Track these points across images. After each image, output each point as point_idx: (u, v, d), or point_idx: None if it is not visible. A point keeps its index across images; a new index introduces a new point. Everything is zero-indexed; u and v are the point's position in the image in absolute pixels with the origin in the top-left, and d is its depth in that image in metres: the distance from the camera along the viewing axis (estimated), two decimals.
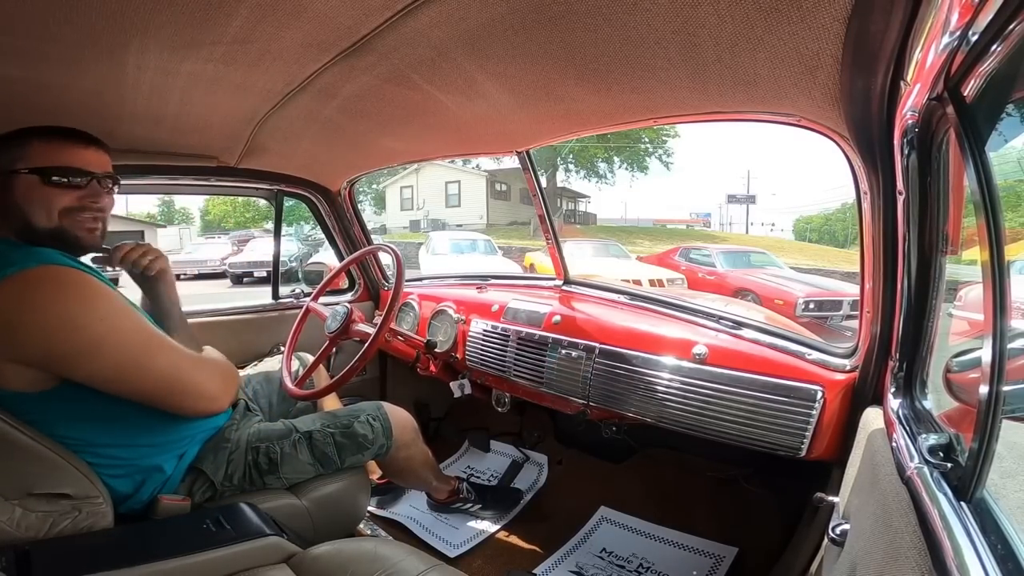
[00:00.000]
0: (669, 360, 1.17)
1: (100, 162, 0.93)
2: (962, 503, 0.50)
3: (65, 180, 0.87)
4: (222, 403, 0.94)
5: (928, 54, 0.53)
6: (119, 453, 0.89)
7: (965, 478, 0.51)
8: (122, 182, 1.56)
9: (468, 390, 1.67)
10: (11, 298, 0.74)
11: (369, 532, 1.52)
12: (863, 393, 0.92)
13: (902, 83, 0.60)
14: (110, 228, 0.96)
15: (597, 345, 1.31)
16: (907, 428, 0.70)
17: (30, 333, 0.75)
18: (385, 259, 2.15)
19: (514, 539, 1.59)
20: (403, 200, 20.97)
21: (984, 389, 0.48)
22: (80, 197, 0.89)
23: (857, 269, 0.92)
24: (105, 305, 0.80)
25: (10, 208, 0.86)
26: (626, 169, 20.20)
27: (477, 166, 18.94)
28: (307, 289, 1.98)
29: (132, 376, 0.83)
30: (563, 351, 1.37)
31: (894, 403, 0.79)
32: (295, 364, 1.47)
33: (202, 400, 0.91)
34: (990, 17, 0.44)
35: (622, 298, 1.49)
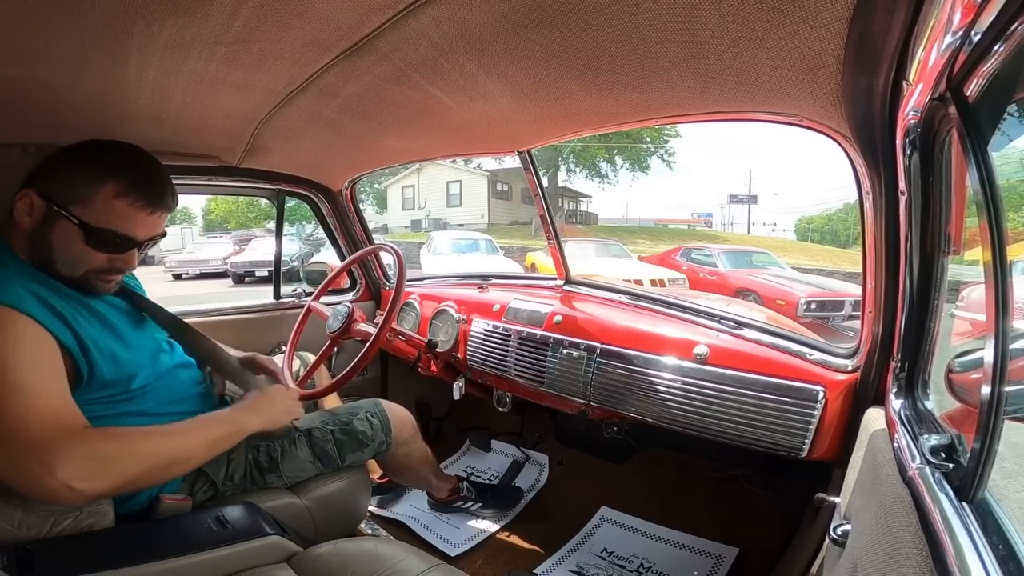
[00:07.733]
0: (670, 360, 1.17)
1: (156, 226, 0.86)
2: (964, 504, 0.50)
3: (108, 246, 0.81)
4: (64, 494, 0.68)
5: (930, 54, 0.53)
6: None
7: (967, 479, 0.51)
8: None
9: (464, 388, 1.67)
10: None
11: (370, 531, 1.52)
12: (865, 393, 0.92)
13: (904, 83, 0.60)
14: None
15: (598, 345, 1.31)
16: (909, 428, 0.70)
17: None
18: (386, 259, 2.15)
19: (515, 539, 1.59)
20: (404, 200, 20.97)
21: (986, 390, 0.48)
22: (112, 259, 0.83)
23: (859, 269, 0.92)
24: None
25: (40, 242, 0.79)
26: (628, 169, 20.17)
27: (479, 166, 18.94)
28: (308, 289, 1.98)
29: None
30: (564, 351, 1.37)
31: (896, 403, 0.78)
32: (296, 364, 1.48)
33: (42, 486, 0.68)
34: (992, 17, 0.44)
35: (623, 298, 1.49)
